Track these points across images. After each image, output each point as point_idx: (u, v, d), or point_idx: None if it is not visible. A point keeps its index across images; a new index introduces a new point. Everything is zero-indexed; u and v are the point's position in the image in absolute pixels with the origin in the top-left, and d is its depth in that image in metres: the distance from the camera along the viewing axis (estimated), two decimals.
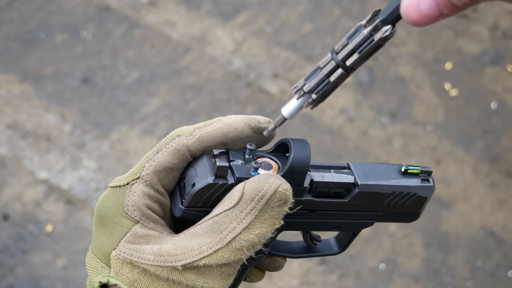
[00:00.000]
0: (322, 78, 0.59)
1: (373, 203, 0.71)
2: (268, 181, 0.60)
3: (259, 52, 3.22)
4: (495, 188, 2.76)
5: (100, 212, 0.66)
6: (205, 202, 0.63)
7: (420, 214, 0.76)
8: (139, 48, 3.21)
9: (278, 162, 0.67)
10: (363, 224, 0.73)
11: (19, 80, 3.04)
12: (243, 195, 0.60)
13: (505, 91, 3.15)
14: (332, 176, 0.69)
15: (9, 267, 2.39)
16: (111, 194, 0.66)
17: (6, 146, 2.75)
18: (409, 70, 3.21)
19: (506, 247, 2.58)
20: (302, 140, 0.65)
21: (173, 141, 0.66)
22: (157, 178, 0.65)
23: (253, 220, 0.60)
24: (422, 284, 2.46)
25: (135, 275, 0.62)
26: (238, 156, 0.66)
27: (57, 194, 2.59)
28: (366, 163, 0.72)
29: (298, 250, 0.76)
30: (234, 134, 0.66)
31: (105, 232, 0.65)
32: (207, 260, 0.60)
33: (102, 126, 2.86)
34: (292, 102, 0.62)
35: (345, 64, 0.58)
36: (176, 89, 3.04)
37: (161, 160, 0.65)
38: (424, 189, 0.73)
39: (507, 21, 3.48)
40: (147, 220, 0.64)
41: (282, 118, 0.64)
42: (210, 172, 0.63)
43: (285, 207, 0.61)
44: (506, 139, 2.95)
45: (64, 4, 3.40)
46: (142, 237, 0.63)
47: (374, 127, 2.95)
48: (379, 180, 0.70)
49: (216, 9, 3.42)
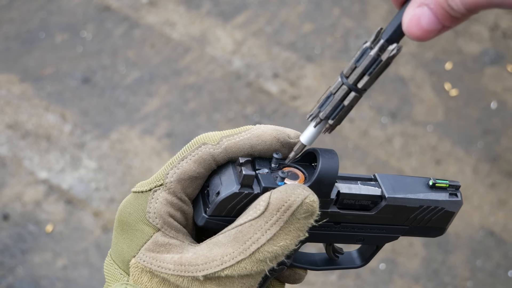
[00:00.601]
0: (336, 104, 0.59)
1: (400, 216, 0.69)
2: (295, 191, 0.59)
3: (259, 52, 3.22)
4: (495, 188, 2.76)
5: (121, 217, 0.64)
6: (229, 212, 0.62)
7: (446, 230, 0.74)
8: (139, 48, 3.21)
9: (304, 172, 0.65)
10: (388, 238, 0.72)
11: (19, 80, 3.04)
12: (269, 205, 0.59)
13: (505, 91, 3.15)
14: (359, 188, 0.67)
15: (9, 267, 2.39)
16: (133, 199, 0.65)
17: (6, 146, 2.75)
18: (409, 70, 3.21)
19: (506, 247, 2.58)
20: (330, 151, 0.64)
21: (199, 149, 0.64)
22: (181, 186, 0.63)
23: (278, 231, 0.59)
24: (422, 284, 2.46)
25: (154, 285, 0.61)
26: (264, 165, 0.64)
27: (57, 194, 2.59)
28: (393, 175, 0.70)
29: (320, 262, 0.74)
30: (262, 146, 0.65)
31: (125, 239, 0.64)
32: (229, 271, 0.59)
33: (102, 126, 2.86)
34: (310, 129, 0.62)
35: (357, 87, 0.58)
36: (176, 89, 3.04)
37: (185, 168, 0.63)
38: (452, 204, 0.70)
39: (507, 21, 3.48)
40: (169, 229, 0.63)
41: (301, 146, 0.63)
42: (235, 180, 0.62)
43: (311, 219, 0.60)
44: (506, 139, 2.95)
45: (64, 4, 3.40)
46: (162, 246, 0.62)
47: (374, 127, 2.95)
48: (407, 193, 0.68)
49: (216, 9, 3.42)
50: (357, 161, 2.81)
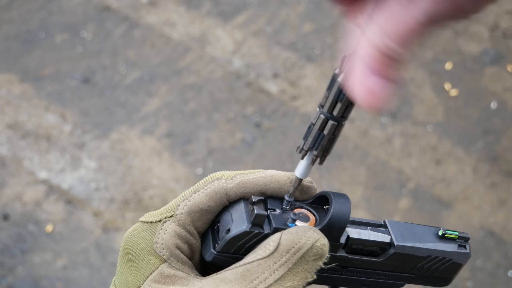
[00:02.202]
0: (316, 134, 0.60)
1: (407, 265, 0.69)
2: (306, 234, 0.59)
3: (259, 52, 3.22)
4: (495, 188, 2.76)
5: (128, 246, 0.64)
6: (238, 249, 0.62)
7: (452, 280, 0.75)
8: (139, 48, 3.21)
9: (315, 215, 0.65)
10: (393, 285, 0.72)
11: (19, 80, 3.04)
12: (279, 246, 0.59)
13: (505, 91, 3.15)
14: (369, 234, 0.67)
15: (9, 267, 2.39)
16: (140, 229, 0.64)
17: (6, 146, 2.75)
18: (409, 70, 3.21)
19: (506, 247, 2.58)
20: (343, 195, 0.64)
21: (212, 183, 0.64)
22: (191, 219, 0.63)
23: (286, 272, 0.59)
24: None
25: None
26: (276, 205, 0.64)
27: (57, 194, 2.59)
28: (403, 223, 0.70)
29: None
30: (275, 185, 0.65)
31: (130, 268, 0.64)
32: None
33: (102, 126, 2.86)
34: (300, 162, 0.63)
35: (333, 115, 0.58)
36: (176, 89, 3.04)
37: (197, 201, 0.63)
38: (460, 256, 0.71)
39: (507, 21, 3.48)
40: (175, 260, 0.62)
41: (297, 180, 0.64)
42: (246, 219, 0.62)
43: (320, 262, 0.60)
44: (506, 139, 2.95)
45: (64, 4, 3.40)
46: (168, 277, 0.61)
47: (374, 127, 2.95)
48: (416, 242, 0.68)
49: (216, 9, 3.42)
50: (357, 161, 2.81)
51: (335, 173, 2.75)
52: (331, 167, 2.76)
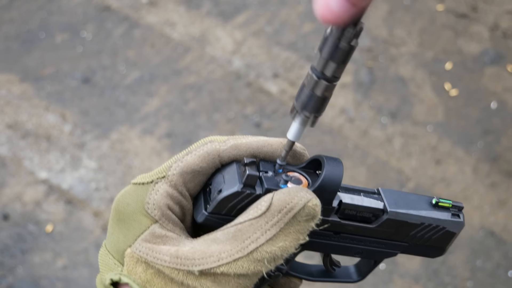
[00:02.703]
0: (308, 94, 0.60)
1: (400, 232, 0.69)
2: (298, 194, 0.59)
3: (259, 52, 3.22)
4: (495, 188, 2.76)
5: (119, 207, 0.64)
6: (230, 210, 0.62)
7: (446, 250, 0.74)
8: (139, 48, 3.21)
9: (308, 179, 0.65)
10: (386, 254, 0.72)
11: (19, 80, 3.04)
12: (270, 206, 0.59)
13: (505, 91, 3.15)
14: (362, 199, 0.67)
15: (9, 267, 2.39)
16: (132, 190, 0.64)
17: (6, 146, 2.75)
18: (409, 70, 3.21)
19: (506, 247, 2.58)
20: (336, 159, 0.64)
21: (205, 145, 0.64)
22: (183, 180, 0.63)
23: (278, 232, 0.58)
24: (422, 284, 2.46)
25: (148, 276, 0.61)
26: (269, 167, 0.64)
27: (57, 194, 2.59)
28: (396, 191, 0.70)
29: (316, 273, 0.74)
30: (268, 149, 0.65)
31: (121, 229, 0.63)
32: (225, 268, 0.59)
33: (102, 126, 2.86)
34: (293, 125, 0.62)
35: (325, 75, 0.58)
36: (176, 89, 3.04)
37: (189, 162, 0.63)
38: (453, 224, 0.70)
39: (507, 21, 3.48)
40: (166, 221, 0.62)
41: (289, 143, 0.64)
42: (238, 180, 0.61)
43: (312, 223, 0.60)
44: (506, 139, 2.95)
45: (64, 4, 3.40)
46: (159, 237, 0.61)
47: (374, 127, 2.95)
48: (409, 209, 0.68)
49: (216, 9, 3.42)
50: (357, 161, 2.81)
51: None
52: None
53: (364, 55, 3.24)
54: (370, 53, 3.26)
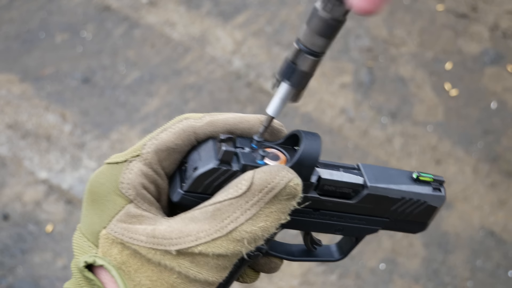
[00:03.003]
0: (291, 66, 0.59)
1: (381, 207, 0.68)
2: (280, 173, 0.58)
3: (259, 52, 3.22)
4: (495, 188, 2.76)
5: (93, 188, 0.63)
6: (206, 188, 0.60)
7: (428, 225, 0.73)
8: (139, 48, 3.21)
9: (286, 154, 0.64)
10: (367, 230, 0.70)
11: (19, 80, 3.04)
12: (251, 185, 0.57)
13: (505, 91, 3.15)
14: (341, 175, 0.66)
15: (9, 267, 2.39)
16: (106, 170, 0.63)
17: (6, 146, 2.75)
18: (409, 70, 3.21)
19: (506, 247, 2.58)
20: (314, 133, 0.63)
21: (180, 122, 0.63)
22: (157, 158, 0.61)
23: (258, 212, 0.57)
24: (422, 284, 2.46)
25: (124, 257, 0.59)
26: (245, 144, 0.63)
27: (57, 194, 2.59)
28: (376, 166, 0.69)
29: (297, 253, 0.73)
30: (245, 125, 0.64)
31: (95, 210, 0.62)
32: (203, 247, 0.57)
33: (102, 126, 2.86)
34: (273, 99, 0.61)
35: (308, 48, 0.57)
36: (176, 89, 3.04)
37: (164, 139, 0.62)
38: (435, 198, 0.69)
39: (507, 21, 3.48)
40: (141, 201, 0.60)
41: (268, 118, 0.63)
42: (214, 156, 0.60)
43: (294, 202, 0.59)
44: (506, 139, 2.95)
45: (64, 4, 3.40)
46: (135, 217, 0.60)
47: (374, 127, 2.95)
48: (389, 184, 0.67)
49: (216, 9, 3.42)
50: (357, 161, 2.81)
51: None
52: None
53: (364, 55, 3.24)
54: (370, 53, 3.26)
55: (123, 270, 0.59)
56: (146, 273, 0.58)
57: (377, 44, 3.31)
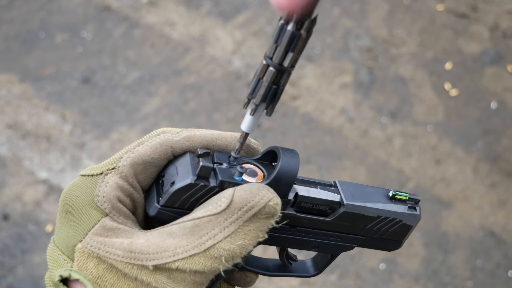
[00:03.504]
0: (259, 82, 0.59)
1: (357, 225, 0.68)
2: (260, 192, 0.58)
3: (259, 52, 3.22)
4: (495, 188, 2.76)
5: (67, 200, 0.61)
6: (183, 203, 0.60)
7: (403, 244, 0.73)
8: (139, 48, 3.21)
9: (263, 170, 0.64)
10: (343, 247, 0.70)
11: (19, 80, 3.04)
12: (231, 203, 0.57)
13: (505, 91, 3.15)
14: (318, 192, 0.66)
15: (9, 267, 2.39)
16: (81, 183, 0.62)
17: (6, 146, 2.75)
18: (409, 70, 3.21)
19: (506, 247, 2.58)
20: (292, 150, 0.63)
21: (158, 136, 0.63)
22: (133, 171, 0.61)
23: (237, 229, 0.57)
24: (422, 284, 2.46)
25: (100, 271, 0.58)
26: (223, 159, 0.63)
27: (57, 194, 2.59)
28: (353, 184, 0.69)
29: (272, 267, 0.73)
30: (222, 142, 0.64)
31: (70, 223, 0.61)
32: (181, 263, 0.57)
33: (102, 126, 2.86)
34: (246, 116, 0.62)
35: (273, 61, 0.58)
36: (176, 89, 3.04)
37: (140, 152, 0.61)
38: (410, 217, 0.70)
39: (507, 21, 3.48)
40: (117, 214, 0.60)
41: (243, 134, 0.63)
42: (192, 171, 0.60)
43: (272, 220, 0.59)
44: (506, 139, 2.95)
45: (64, 4, 3.40)
46: (111, 230, 0.59)
47: (374, 127, 2.95)
48: (366, 202, 0.67)
49: (216, 9, 3.42)
50: (357, 161, 2.81)
51: (335, 173, 2.75)
52: (331, 167, 2.76)
53: (364, 55, 3.24)
54: (370, 53, 3.26)
55: (99, 285, 0.58)
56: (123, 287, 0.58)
57: (377, 44, 3.31)
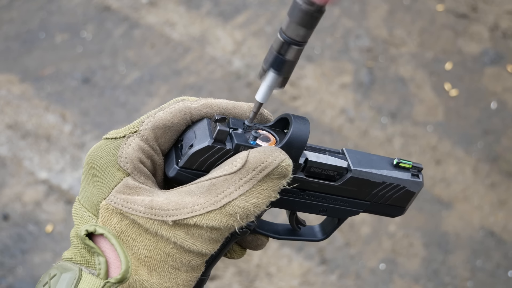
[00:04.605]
0: (274, 55, 0.63)
1: (363, 191, 0.72)
2: (273, 154, 0.61)
3: (259, 52, 3.22)
4: (495, 188, 2.76)
5: (92, 161, 0.65)
6: (201, 165, 0.64)
7: (406, 210, 0.78)
8: (139, 48, 3.21)
9: (276, 136, 0.68)
10: (349, 212, 0.74)
11: (19, 80, 3.04)
12: (246, 163, 0.61)
13: (505, 91, 3.15)
14: (327, 158, 0.70)
15: (9, 267, 2.39)
16: (104, 145, 0.66)
17: (6, 146, 2.75)
18: (409, 70, 3.21)
19: (506, 247, 2.58)
20: (303, 117, 0.66)
21: (177, 103, 0.67)
22: (154, 135, 0.65)
23: (251, 188, 0.61)
24: (422, 284, 2.46)
25: (123, 227, 0.62)
26: (239, 125, 0.67)
27: (57, 194, 2.59)
28: (360, 152, 0.73)
29: (282, 232, 0.77)
30: (237, 111, 0.69)
31: (95, 182, 0.65)
32: (198, 219, 0.60)
33: (102, 126, 2.86)
34: (261, 86, 0.65)
35: (289, 37, 0.61)
36: (176, 89, 3.04)
37: (161, 117, 0.66)
38: (413, 184, 0.74)
39: (507, 21, 3.48)
40: (138, 174, 0.64)
41: (257, 104, 0.66)
42: (209, 135, 0.64)
43: (284, 181, 0.63)
44: (506, 139, 2.95)
45: (64, 4, 3.40)
46: (133, 188, 0.63)
47: (374, 127, 2.95)
48: (372, 168, 0.71)
49: (216, 9, 3.42)
50: None
51: None
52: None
53: (364, 55, 3.24)
54: (370, 53, 3.26)
55: (122, 239, 0.62)
56: (144, 242, 0.62)
57: (377, 44, 3.31)
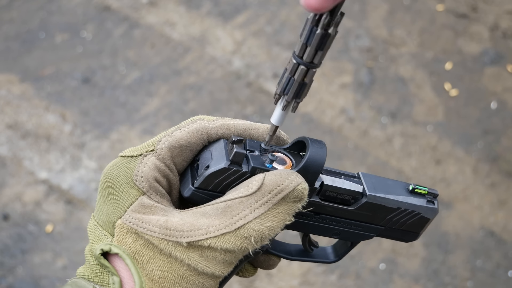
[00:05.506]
0: (288, 78, 0.62)
1: (377, 216, 0.72)
2: (289, 177, 0.61)
3: (259, 52, 3.22)
4: (495, 188, 2.76)
5: (108, 179, 0.65)
6: (216, 186, 0.63)
7: (420, 235, 0.77)
8: (139, 48, 3.21)
9: (292, 159, 0.67)
10: (363, 236, 0.74)
11: (19, 80, 3.04)
12: (262, 186, 0.61)
13: (505, 91, 3.15)
14: (342, 182, 0.70)
15: (9, 267, 2.39)
16: (121, 163, 0.66)
17: (6, 146, 2.75)
18: (409, 70, 3.21)
19: (506, 247, 2.58)
20: (320, 141, 0.66)
21: (195, 123, 0.67)
22: (171, 154, 0.65)
23: (266, 211, 0.61)
24: (422, 284, 2.46)
25: (138, 247, 0.62)
26: (255, 147, 0.66)
27: (57, 194, 2.59)
28: (376, 176, 0.73)
29: (294, 252, 0.77)
30: (254, 132, 0.68)
31: (111, 200, 0.65)
32: (212, 241, 0.60)
33: (102, 126, 2.86)
34: (276, 110, 0.65)
35: (303, 60, 0.60)
36: (176, 89, 3.04)
37: (178, 137, 0.66)
38: (428, 210, 0.73)
39: (507, 21, 3.48)
40: (154, 193, 0.64)
41: (272, 127, 0.66)
42: (226, 156, 0.63)
43: (299, 204, 0.62)
44: (506, 139, 2.95)
45: (64, 4, 3.40)
46: (148, 208, 0.63)
47: (374, 127, 2.95)
48: (387, 193, 0.71)
49: (216, 9, 3.42)
50: (357, 161, 2.81)
51: None
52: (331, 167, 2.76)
53: (364, 55, 3.24)
54: (370, 53, 3.26)
55: (136, 259, 0.62)
56: (158, 263, 0.62)
57: (377, 44, 3.31)
